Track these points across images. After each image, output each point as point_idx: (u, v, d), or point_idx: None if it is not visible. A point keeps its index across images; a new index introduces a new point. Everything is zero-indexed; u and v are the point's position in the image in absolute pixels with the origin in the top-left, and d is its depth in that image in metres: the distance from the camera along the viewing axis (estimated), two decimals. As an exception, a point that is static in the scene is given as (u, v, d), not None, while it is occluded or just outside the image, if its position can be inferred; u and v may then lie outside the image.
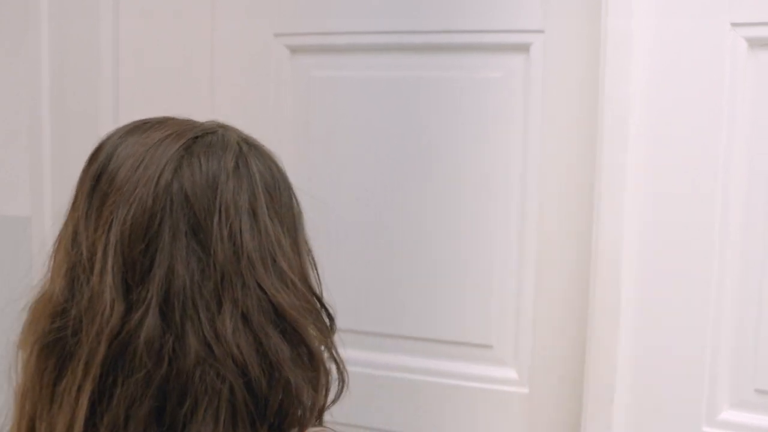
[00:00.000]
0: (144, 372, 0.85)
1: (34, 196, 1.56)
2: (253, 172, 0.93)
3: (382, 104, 1.52)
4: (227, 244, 0.89)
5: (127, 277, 0.87)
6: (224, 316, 0.88)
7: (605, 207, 1.31)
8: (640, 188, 1.30)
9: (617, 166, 1.29)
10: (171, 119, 0.96)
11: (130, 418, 0.86)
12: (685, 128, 1.27)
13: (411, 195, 1.51)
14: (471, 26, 1.45)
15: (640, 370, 1.32)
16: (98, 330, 0.86)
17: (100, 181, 0.91)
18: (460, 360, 1.50)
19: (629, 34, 1.28)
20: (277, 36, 1.57)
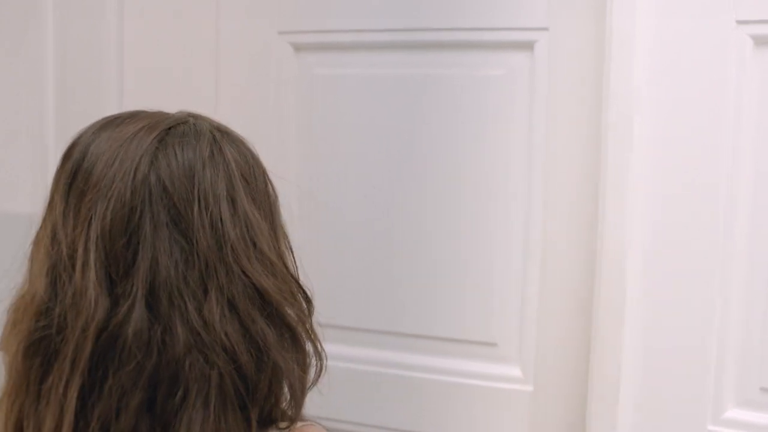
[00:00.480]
0: (134, 364, 0.86)
1: (36, 194, 1.56)
2: (228, 160, 0.93)
3: (384, 102, 1.52)
4: (209, 232, 0.89)
5: (111, 272, 0.87)
6: (211, 303, 0.89)
7: (610, 205, 1.30)
8: (644, 187, 1.29)
9: (622, 165, 1.29)
10: (141, 112, 0.96)
11: (121, 409, 0.86)
12: (691, 126, 1.27)
13: (414, 193, 1.51)
14: (475, 24, 1.45)
15: (646, 369, 1.31)
16: (84, 326, 0.86)
17: (76, 178, 0.91)
18: (464, 358, 1.50)
19: (633, 32, 1.28)
20: (281, 34, 1.58)
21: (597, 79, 1.35)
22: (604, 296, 1.31)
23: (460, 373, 1.50)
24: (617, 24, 1.28)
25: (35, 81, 1.55)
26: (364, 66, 1.54)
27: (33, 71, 1.55)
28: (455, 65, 1.48)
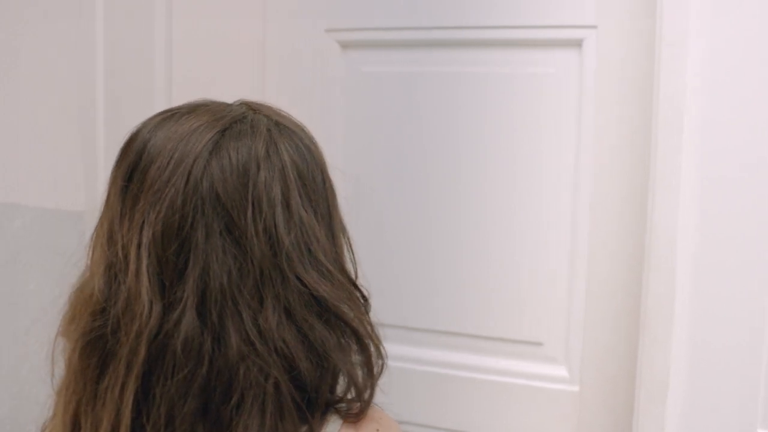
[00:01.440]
0: (184, 372, 0.86)
1: (88, 192, 1.58)
2: (284, 159, 0.91)
3: (434, 99, 1.52)
4: (263, 238, 0.88)
5: (163, 277, 0.87)
6: (267, 312, 0.88)
7: (659, 203, 1.29)
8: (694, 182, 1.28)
9: (672, 160, 1.28)
10: (201, 106, 0.95)
11: (174, 417, 0.86)
12: (743, 122, 1.25)
13: (464, 193, 1.52)
14: (522, 22, 1.45)
15: (694, 369, 1.30)
16: (138, 330, 0.87)
17: (132, 179, 0.91)
18: (511, 357, 1.50)
19: (685, 31, 1.26)
20: (328, 32, 1.58)
21: (646, 76, 1.34)
22: (652, 293, 1.30)
23: (506, 373, 1.50)
24: (668, 23, 1.27)
25: (84, 81, 1.57)
26: (412, 63, 1.54)
27: (82, 71, 1.57)
28: (503, 63, 1.48)
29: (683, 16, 1.25)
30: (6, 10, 1.47)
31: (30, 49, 1.52)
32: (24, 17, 1.50)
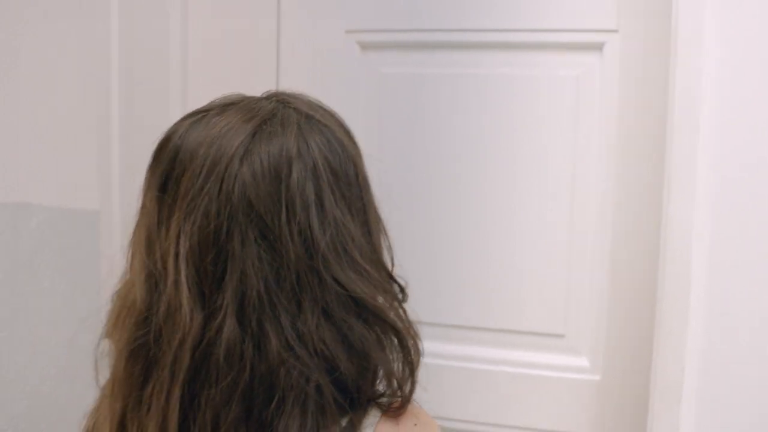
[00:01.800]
0: (228, 380, 0.86)
1: (102, 191, 1.59)
2: (315, 156, 0.90)
3: (457, 100, 1.55)
4: (298, 241, 0.88)
5: (203, 287, 0.88)
6: (305, 315, 0.88)
7: (674, 201, 1.29)
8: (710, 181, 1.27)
9: (687, 158, 1.28)
10: (230, 105, 0.95)
11: (220, 421, 0.87)
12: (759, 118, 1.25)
13: (488, 190, 1.55)
14: (544, 25, 1.49)
15: (709, 367, 1.29)
16: (181, 339, 0.87)
17: (167, 189, 0.91)
18: (534, 349, 1.55)
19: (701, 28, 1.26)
20: (348, 33, 1.60)
21: (666, 79, 1.37)
22: (667, 290, 1.30)
23: (529, 365, 1.54)
24: (684, 18, 1.26)
25: (99, 80, 1.58)
26: (436, 65, 1.56)
27: (97, 71, 1.58)
28: (525, 65, 1.52)
29: (698, 13, 1.25)
30: (20, 11, 1.49)
31: (44, 49, 1.53)
32: (36, 17, 1.51)
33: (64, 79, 1.55)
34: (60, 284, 1.56)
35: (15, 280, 1.49)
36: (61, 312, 1.56)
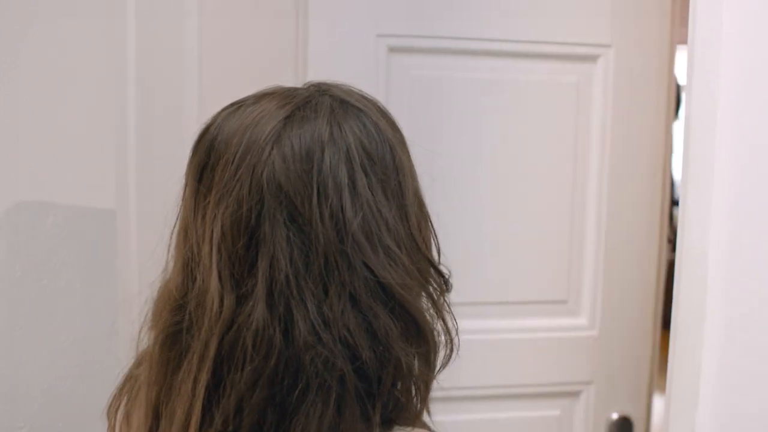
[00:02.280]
0: (254, 364, 0.87)
1: (119, 190, 1.59)
2: (348, 140, 0.90)
3: (475, 101, 1.74)
4: (329, 224, 0.87)
5: (234, 272, 0.88)
6: (332, 300, 0.87)
7: (691, 206, 1.28)
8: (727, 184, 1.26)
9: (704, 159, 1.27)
10: (267, 95, 0.95)
11: (243, 407, 0.87)
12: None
13: (504, 181, 1.79)
14: (551, 38, 1.76)
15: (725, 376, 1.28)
16: (210, 325, 0.88)
17: (203, 178, 0.92)
18: (543, 316, 1.84)
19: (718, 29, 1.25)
20: (380, 36, 1.70)
21: (658, 90, 1.74)
22: (683, 300, 1.29)
23: (540, 329, 1.84)
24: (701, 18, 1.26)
25: (117, 82, 1.58)
26: (453, 69, 1.76)
27: (114, 70, 1.58)
28: (532, 72, 1.77)
29: (716, 14, 1.24)
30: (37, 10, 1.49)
31: (62, 50, 1.53)
32: (53, 16, 1.52)
33: (82, 80, 1.55)
34: (77, 283, 1.57)
35: (32, 278, 1.50)
36: (77, 311, 1.56)
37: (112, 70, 1.58)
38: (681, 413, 1.30)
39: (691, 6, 1.28)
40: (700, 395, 1.29)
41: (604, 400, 1.86)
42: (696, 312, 1.28)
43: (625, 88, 1.77)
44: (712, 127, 1.26)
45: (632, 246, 1.83)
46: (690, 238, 1.28)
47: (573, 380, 1.85)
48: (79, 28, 1.55)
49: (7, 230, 1.46)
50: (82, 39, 1.55)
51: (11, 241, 1.46)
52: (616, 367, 1.87)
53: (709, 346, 1.28)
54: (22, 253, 1.48)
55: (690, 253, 1.28)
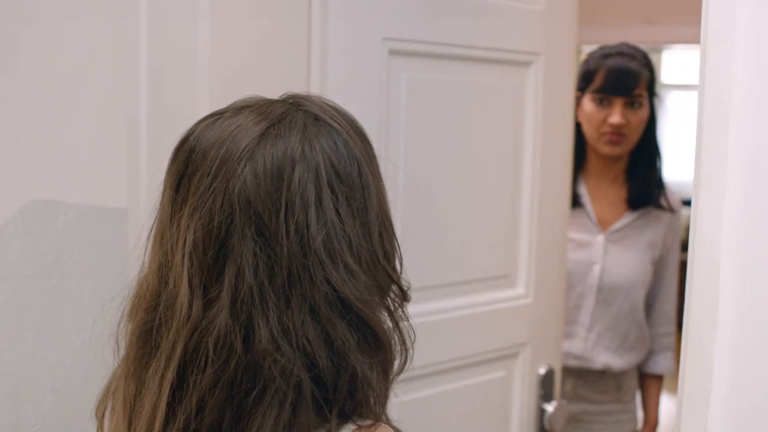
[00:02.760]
0: (215, 367, 0.93)
1: (131, 189, 1.60)
2: (317, 159, 0.95)
3: (438, 101, 1.90)
4: (293, 239, 0.93)
5: (203, 279, 0.95)
6: (293, 310, 0.93)
7: (703, 207, 1.27)
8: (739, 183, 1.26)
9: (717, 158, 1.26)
10: (245, 108, 1.01)
11: (204, 405, 0.93)
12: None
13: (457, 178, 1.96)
14: (497, 45, 1.99)
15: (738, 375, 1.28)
16: (178, 327, 0.95)
17: (180, 186, 0.99)
18: (491, 290, 2.07)
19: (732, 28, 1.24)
20: (385, 40, 1.79)
21: (569, 92, 2.16)
22: (696, 292, 1.28)
23: (489, 302, 2.06)
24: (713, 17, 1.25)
25: (128, 82, 1.59)
26: (429, 71, 1.90)
27: (126, 70, 1.59)
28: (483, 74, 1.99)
29: (729, 14, 1.24)
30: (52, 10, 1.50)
31: (74, 49, 1.54)
32: (66, 16, 1.52)
33: (93, 80, 1.56)
34: (88, 281, 1.57)
35: (43, 277, 1.50)
36: (89, 309, 1.57)
37: (124, 70, 1.58)
38: (693, 413, 1.30)
39: (703, 6, 1.27)
40: (712, 395, 1.28)
41: (536, 357, 2.16)
42: (708, 313, 1.28)
43: (551, 91, 2.07)
44: (724, 128, 1.25)
45: (555, 227, 2.18)
46: (702, 239, 1.28)
47: (514, 343, 2.12)
48: (89, 28, 1.55)
49: (19, 229, 1.46)
50: (94, 39, 1.56)
51: (23, 241, 1.47)
52: (544, 327, 2.18)
53: (721, 347, 1.28)
54: (33, 253, 1.49)
55: (702, 253, 1.28)
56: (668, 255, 2.52)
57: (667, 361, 2.58)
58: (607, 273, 2.41)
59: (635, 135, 2.42)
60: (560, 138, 2.14)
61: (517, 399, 2.13)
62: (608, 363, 2.44)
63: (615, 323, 2.43)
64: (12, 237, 1.45)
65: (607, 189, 2.51)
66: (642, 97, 2.38)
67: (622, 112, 2.36)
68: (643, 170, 2.47)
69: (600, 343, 2.43)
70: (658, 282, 2.53)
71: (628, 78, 2.35)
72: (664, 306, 2.56)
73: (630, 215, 2.46)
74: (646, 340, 2.52)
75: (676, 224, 2.53)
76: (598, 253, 2.43)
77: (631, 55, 2.40)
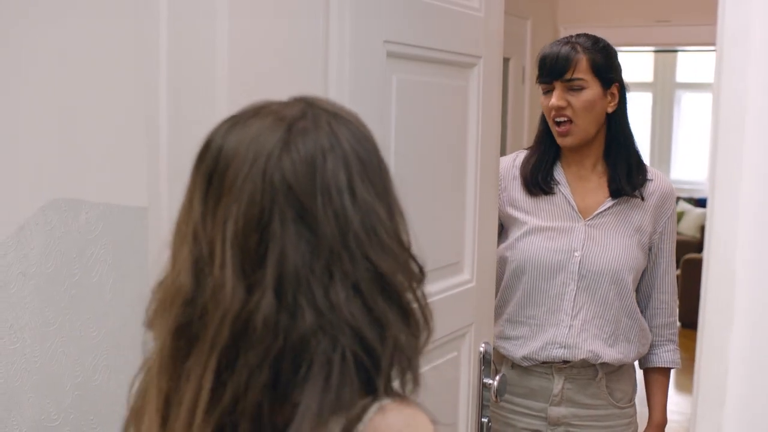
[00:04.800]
0: (262, 346, 0.97)
1: (151, 188, 1.62)
2: (345, 148, 1.02)
3: (407, 99, 1.95)
4: (333, 222, 0.99)
5: (245, 266, 0.99)
6: (336, 287, 0.99)
7: (718, 208, 1.28)
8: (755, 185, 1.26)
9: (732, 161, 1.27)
10: (263, 108, 1.06)
11: (249, 386, 0.98)
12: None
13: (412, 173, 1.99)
14: (449, 47, 2.08)
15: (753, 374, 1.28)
16: (222, 315, 0.98)
17: (212, 183, 1.03)
18: (445, 277, 2.13)
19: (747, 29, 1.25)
20: (386, 42, 1.83)
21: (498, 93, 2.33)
22: (712, 293, 1.29)
23: (443, 290, 2.11)
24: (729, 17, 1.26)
25: (148, 83, 1.60)
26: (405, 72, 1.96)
27: (146, 73, 1.61)
28: (439, 75, 2.09)
29: (745, 14, 1.24)
30: (76, 11, 1.52)
31: (95, 51, 1.56)
32: (89, 17, 1.54)
33: (114, 80, 1.58)
34: (109, 278, 1.59)
35: (65, 274, 1.53)
36: (110, 305, 1.59)
37: (145, 70, 1.60)
38: (708, 412, 1.30)
39: (719, 8, 1.28)
40: (727, 395, 1.29)
41: (479, 336, 2.30)
42: (723, 312, 1.28)
43: (487, 91, 2.23)
44: (739, 128, 1.26)
45: (491, 213, 2.34)
46: (717, 239, 1.28)
47: (463, 325, 2.24)
48: (110, 29, 1.57)
49: (41, 227, 1.48)
50: (114, 40, 1.58)
51: (45, 238, 1.49)
52: (484, 308, 2.33)
53: (736, 347, 1.28)
54: (55, 250, 1.51)
55: (717, 253, 1.28)
56: (662, 242, 2.45)
57: (668, 353, 2.49)
58: (588, 259, 2.36)
59: (584, 120, 2.36)
60: (493, 135, 2.32)
61: (464, 376, 2.26)
62: (596, 351, 2.35)
63: (602, 310, 2.36)
64: (34, 234, 1.48)
65: (587, 175, 2.47)
66: (583, 80, 2.33)
67: (559, 95, 2.33)
68: (616, 158, 2.43)
69: (586, 330, 2.35)
70: (653, 270, 2.47)
71: (558, 61, 2.34)
72: (662, 296, 2.48)
73: (611, 200, 2.44)
74: (644, 332, 2.44)
75: (668, 207, 2.47)
76: (579, 240, 2.38)
77: (568, 41, 2.38)
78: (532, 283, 2.40)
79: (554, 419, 2.41)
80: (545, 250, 2.39)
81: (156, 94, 1.61)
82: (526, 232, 2.43)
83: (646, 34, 6.30)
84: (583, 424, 2.40)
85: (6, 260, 1.44)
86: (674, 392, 5.23)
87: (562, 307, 2.38)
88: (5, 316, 1.44)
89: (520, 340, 2.43)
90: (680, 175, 11.32)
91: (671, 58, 11.42)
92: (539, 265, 2.39)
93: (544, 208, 2.45)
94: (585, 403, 2.40)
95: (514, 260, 2.42)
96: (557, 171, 2.47)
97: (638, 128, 11.95)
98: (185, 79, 1.61)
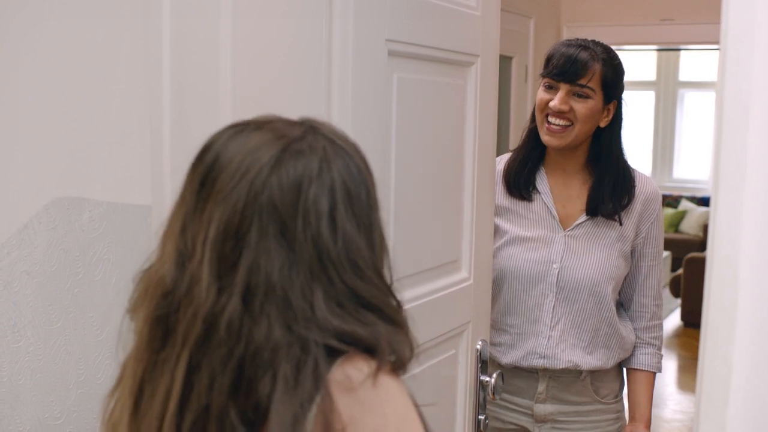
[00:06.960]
0: (226, 348, 1.01)
1: (155, 187, 1.62)
2: (333, 178, 1.06)
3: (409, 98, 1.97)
4: (310, 245, 1.04)
5: (220, 268, 1.04)
6: (319, 302, 1.03)
7: (722, 206, 1.28)
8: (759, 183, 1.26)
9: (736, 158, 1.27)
10: (267, 123, 1.11)
11: (214, 385, 1.02)
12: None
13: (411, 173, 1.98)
14: (447, 46, 2.09)
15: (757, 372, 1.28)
16: (194, 311, 1.03)
17: (205, 184, 1.08)
18: (443, 276, 2.16)
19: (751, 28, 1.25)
20: (388, 41, 1.84)
21: (494, 93, 2.34)
22: (715, 291, 1.29)
23: (441, 288, 2.14)
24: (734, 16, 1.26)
25: (152, 82, 1.61)
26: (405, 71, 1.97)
27: (150, 70, 1.61)
28: (437, 74, 2.09)
29: (750, 12, 1.24)
30: (79, 10, 1.52)
31: (100, 50, 1.56)
32: (91, 15, 1.55)
33: (118, 79, 1.58)
34: (112, 277, 1.59)
35: (68, 272, 1.53)
36: (113, 303, 1.59)
37: (148, 69, 1.60)
38: (712, 411, 1.30)
39: (723, 6, 1.28)
40: (730, 394, 1.29)
41: (476, 333, 2.32)
42: (727, 311, 1.28)
43: (484, 91, 2.24)
44: (743, 127, 1.26)
45: (487, 211, 2.34)
46: (720, 238, 1.28)
47: (461, 323, 2.25)
48: (113, 28, 1.57)
49: (45, 226, 1.49)
50: (117, 38, 1.58)
51: (48, 237, 1.49)
52: (481, 305, 2.34)
53: (740, 346, 1.28)
54: (58, 248, 1.51)
55: (720, 252, 1.28)
56: (645, 246, 2.44)
57: (645, 356, 2.47)
58: (567, 271, 2.35)
59: (582, 128, 2.34)
60: (490, 134, 2.33)
61: (462, 373, 2.28)
62: (575, 361, 2.36)
63: (581, 320, 2.36)
64: (37, 233, 1.48)
65: (570, 181, 2.45)
66: (591, 90, 2.31)
67: (563, 98, 2.31)
68: (603, 171, 2.39)
69: (564, 340, 2.35)
70: (635, 274, 2.45)
71: (575, 65, 2.30)
72: (643, 299, 2.47)
73: (585, 216, 2.42)
74: (624, 338, 2.43)
75: (651, 212, 2.44)
76: (558, 251, 2.37)
77: (587, 47, 2.35)
78: (511, 293, 2.42)
79: (540, 416, 2.43)
80: (524, 260, 2.40)
81: (159, 93, 1.61)
82: (507, 242, 2.45)
83: (649, 32, 6.30)
84: (569, 419, 2.41)
85: (9, 259, 1.44)
86: (677, 391, 5.22)
87: (541, 318, 2.39)
88: (9, 315, 1.44)
89: (503, 347, 2.45)
90: (683, 173, 11.32)
91: (674, 57, 11.42)
92: (518, 276, 2.40)
93: (525, 216, 2.45)
94: (570, 400, 2.41)
95: (495, 269, 2.43)
96: (540, 175, 2.46)
97: (641, 127, 11.92)
98: (188, 77, 1.61)
